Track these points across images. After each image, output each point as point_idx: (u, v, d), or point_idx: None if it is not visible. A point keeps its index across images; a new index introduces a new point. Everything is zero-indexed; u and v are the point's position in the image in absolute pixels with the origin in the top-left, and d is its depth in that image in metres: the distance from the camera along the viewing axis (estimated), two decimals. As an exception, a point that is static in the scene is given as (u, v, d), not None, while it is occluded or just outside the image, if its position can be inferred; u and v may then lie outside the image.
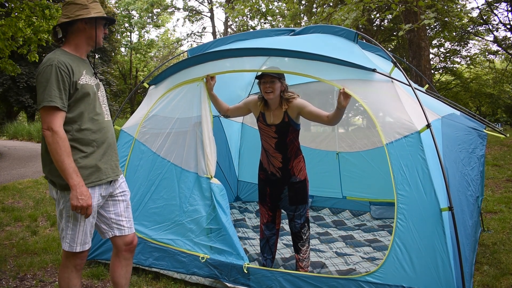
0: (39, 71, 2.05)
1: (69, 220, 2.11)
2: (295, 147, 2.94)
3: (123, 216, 2.34)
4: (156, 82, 3.45)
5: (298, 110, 2.83)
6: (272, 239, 3.12)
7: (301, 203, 2.94)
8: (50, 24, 7.15)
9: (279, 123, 2.87)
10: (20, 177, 7.90)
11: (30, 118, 21.54)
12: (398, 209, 2.33)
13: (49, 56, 2.08)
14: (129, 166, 3.31)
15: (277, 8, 15.35)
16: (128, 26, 30.37)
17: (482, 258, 3.35)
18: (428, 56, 10.19)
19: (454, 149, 2.84)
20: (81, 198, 1.99)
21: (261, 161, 3.08)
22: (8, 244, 4.01)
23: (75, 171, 2.01)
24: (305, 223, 2.99)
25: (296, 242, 3.01)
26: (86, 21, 2.15)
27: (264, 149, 3.01)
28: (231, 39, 3.56)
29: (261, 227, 3.14)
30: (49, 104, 1.99)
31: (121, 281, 2.39)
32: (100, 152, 2.18)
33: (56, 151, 1.98)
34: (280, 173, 2.94)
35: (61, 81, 2.02)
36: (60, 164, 1.98)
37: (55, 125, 2.00)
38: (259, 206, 3.15)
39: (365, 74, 2.60)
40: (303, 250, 2.99)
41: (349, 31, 3.14)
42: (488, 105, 22.56)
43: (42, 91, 2.01)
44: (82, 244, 2.15)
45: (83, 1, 2.14)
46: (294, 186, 2.92)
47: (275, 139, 2.90)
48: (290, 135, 2.89)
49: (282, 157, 2.91)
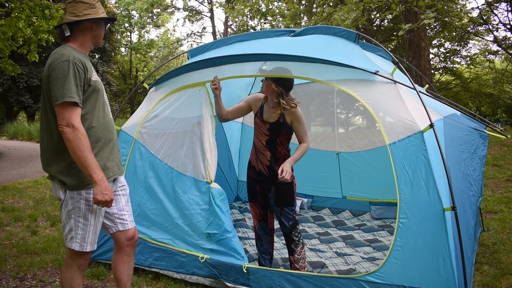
0: (54, 66, 2.00)
1: (79, 220, 2.11)
2: (284, 150, 2.94)
3: (125, 210, 2.36)
4: (156, 85, 3.44)
5: (292, 118, 2.86)
6: (267, 239, 3.10)
7: (287, 205, 2.92)
8: (50, 24, 7.14)
9: (273, 122, 2.90)
10: (20, 177, 7.90)
11: (30, 118, 21.53)
12: (400, 208, 2.33)
13: (61, 51, 2.05)
14: (128, 166, 3.31)
15: (277, 8, 15.35)
16: (128, 26, 30.39)
17: (482, 258, 3.35)
18: (428, 56, 10.19)
19: (456, 149, 2.84)
20: (106, 193, 2.02)
21: (250, 160, 3.09)
22: (8, 244, 4.00)
23: (98, 166, 2.01)
24: (295, 226, 2.96)
25: (289, 244, 3.00)
26: (94, 21, 2.16)
27: (255, 146, 3.02)
28: (231, 40, 3.55)
29: (255, 228, 3.14)
30: (70, 100, 1.96)
31: (124, 277, 2.39)
32: (108, 149, 2.20)
33: (78, 147, 1.96)
34: (267, 172, 2.94)
35: (78, 77, 2.01)
36: (83, 160, 1.97)
37: (76, 121, 1.98)
38: (249, 206, 3.13)
39: (366, 74, 2.60)
40: (297, 251, 2.98)
41: (350, 32, 3.13)
42: (488, 105, 22.57)
43: (60, 86, 1.97)
44: (92, 244, 2.16)
45: (91, 0, 2.16)
46: (280, 188, 2.92)
47: (266, 136, 2.93)
48: (281, 136, 2.91)
49: (270, 155, 2.92)
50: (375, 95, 2.55)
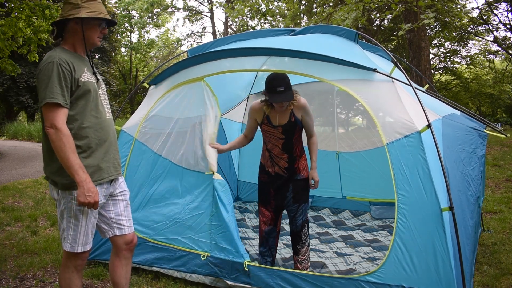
0: (40, 69, 2.03)
1: (70, 221, 2.10)
2: (300, 145, 2.94)
3: (123, 216, 2.33)
4: (156, 82, 3.44)
5: (302, 113, 2.86)
6: (273, 242, 3.07)
7: (304, 201, 2.94)
8: (50, 24, 7.14)
9: (285, 123, 2.86)
10: (20, 177, 7.90)
11: (30, 118, 21.53)
12: (398, 209, 2.33)
13: (49, 53, 2.06)
14: (129, 166, 3.30)
15: (277, 8, 15.34)
16: (128, 26, 30.39)
17: (482, 258, 3.35)
18: (428, 56, 10.19)
19: (454, 149, 2.84)
20: (88, 195, 1.98)
21: (263, 164, 3.03)
22: (8, 244, 4.00)
23: (81, 168, 1.99)
24: (305, 223, 2.97)
25: (295, 244, 2.99)
26: (76, 21, 2.12)
27: (268, 151, 2.97)
28: (231, 39, 3.55)
29: (261, 231, 3.08)
30: (51, 101, 1.97)
31: (121, 281, 2.39)
32: (102, 150, 2.18)
33: (60, 148, 1.96)
34: (286, 173, 2.92)
35: (63, 78, 2.01)
36: (66, 161, 1.96)
37: (58, 122, 1.97)
38: (259, 209, 3.08)
39: (365, 74, 2.60)
40: (302, 252, 2.97)
41: (350, 31, 3.13)
42: (488, 105, 22.58)
43: (44, 88, 1.98)
44: (83, 245, 2.14)
45: (76, 0, 2.10)
46: (297, 184, 2.92)
47: (282, 140, 2.88)
48: (296, 133, 2.90)
49: (288, 157, 2.90)
50: (373, 95, 2.55)
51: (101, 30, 2.21)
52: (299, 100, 2.83)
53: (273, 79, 2.72)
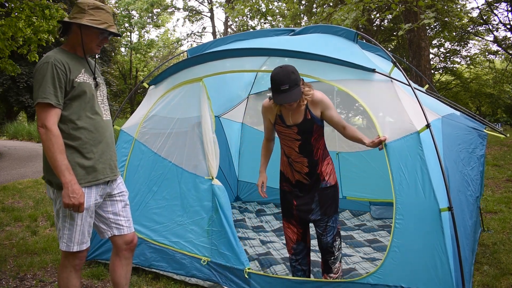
0: (36, 69, 2.05)
1: (65, 220, 2.11)
2: (321, 147, 2.58)
3: (122, 216, 2.33)
4: (156, 82, 3.45)
5: (321, 109, 2.49)
6: (305, 260, 2.70)
7: (334, 212, 2.57)
8: (50, 24, 7.14)
9: (301, 122, 2.49)
10: (20, 177, 7.90)
11: (30, 118, 21.52)
12: (397, 209, 2.33)
13: (47, 54, 2.08)
14: (129, 166, 3.30)
15: (277, 8, 15.33)
16: (128, 26, 30.39)
17: (482, 258, 3.35)
18: (428, 56, 10.19)
19: (454, 148, 2.84)
20: (73, 196, 1.98)
21: (282, 171, 2.69)
22: (8, 244, 4.01)
23: (67, 169, 1.99)
24: (337, 236, 2.58)
25: (326, 260, 2.60)
26: (80, 26, 2.13)
27: (286, 155, 2.62)
28: (231, 39, 3.56)
29: (289, 250, 2.70)
30: (43, 101, 1.99)
31: (122, 281, 2.39)
32: (97, 151, 2.17)
33: (49, 148, 1.98)
34: (308, 180, 2.55)
35: (57, 78, 2.02)
36: (53, 161, 1.98)
37: (49, 122, 1.99)
38: (283, 224, 2.73)
39: (365, 74, 2.60)
40: (334, 269, 2.58)
41: (349, 31, 3.13)
42: (488, 105, 22.57)
43: (38, 88, 2.01)
44: (79, 244, 2.14)
45: (84, 6, 2.12)
46: (324, 193, 2.53)
47: (298, 142, 2.52)
48: (315, 133, 2.51)
49: (308, 161, 2.53)
50: (373, 95, 2.55)
51: (101, 39, 2.20)
52: (313, 95, 2.46)
53: (276, 75, 2.33)
